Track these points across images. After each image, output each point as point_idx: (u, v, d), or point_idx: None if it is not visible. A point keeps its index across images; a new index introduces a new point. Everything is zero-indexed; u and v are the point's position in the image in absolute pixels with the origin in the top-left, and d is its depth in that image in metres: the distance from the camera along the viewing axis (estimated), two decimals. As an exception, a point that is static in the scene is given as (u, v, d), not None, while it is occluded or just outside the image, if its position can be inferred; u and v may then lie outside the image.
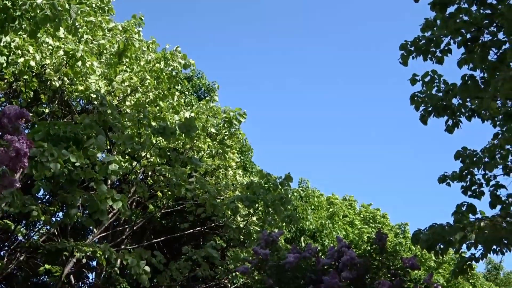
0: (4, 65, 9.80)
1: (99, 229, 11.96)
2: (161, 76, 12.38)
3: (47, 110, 12.04)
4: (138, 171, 12.91)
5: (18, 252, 11.89)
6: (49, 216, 10.61)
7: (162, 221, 15.38)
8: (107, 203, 7.08)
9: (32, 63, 9.99)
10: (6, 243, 13.21)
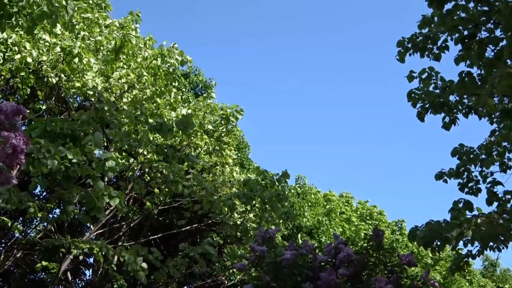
0: (1, 61, 9.79)
1: (96, 225, 11.96)
2: (158, 73, 12.38)
3: (44, 107, 12.04)
4: (135, 168, 12.89)
5: (15, 249, 11.88)
6: (46, 212, 10.62)
7: (159, 218, 15.38)
8: (104, 200, 7.08)
9: (29, 60, 9.98)
10: (3, 240, 13.19)
